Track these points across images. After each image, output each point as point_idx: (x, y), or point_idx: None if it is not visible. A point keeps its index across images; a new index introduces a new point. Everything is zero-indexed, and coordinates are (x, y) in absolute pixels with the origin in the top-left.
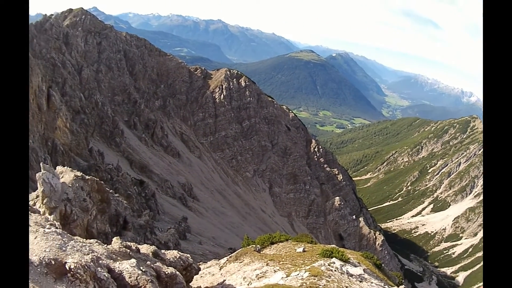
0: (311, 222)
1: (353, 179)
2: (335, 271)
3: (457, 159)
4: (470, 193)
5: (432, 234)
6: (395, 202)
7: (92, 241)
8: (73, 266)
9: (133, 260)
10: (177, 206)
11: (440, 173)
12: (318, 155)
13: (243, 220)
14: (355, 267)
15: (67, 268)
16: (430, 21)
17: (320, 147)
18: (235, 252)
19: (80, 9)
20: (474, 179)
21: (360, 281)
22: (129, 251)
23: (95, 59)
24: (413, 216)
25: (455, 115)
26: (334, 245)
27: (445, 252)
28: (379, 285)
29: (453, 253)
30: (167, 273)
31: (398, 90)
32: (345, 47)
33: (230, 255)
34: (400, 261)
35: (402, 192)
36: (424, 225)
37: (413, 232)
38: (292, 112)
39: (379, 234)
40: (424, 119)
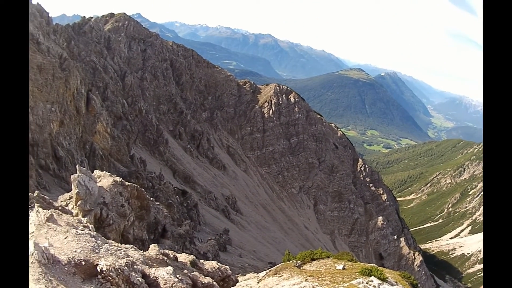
0: (353, 241)
1: (397, 199)
2: None
3: None
4: None
5: (468, 255)
6: (435, 223)
7: (128, 246)
8: (105, 269)
9: (169, 268)
10: (219, 218)
11: (480, 195)
12: (364, 174)
13: (286, 235)
14: (392, 286)
15: (98, 270)
16: (475, 43)
17: (367, 166)
18: (274, 267)
19: (123, 14)
20: None
21: None
22: (166, 258)
23: (139, 66)
24: (451, 238)
25: None
26: (374, 264)
27: (478, 273)
28: None
29: None
30: (204, 282)
31: (443, 111)
32: (393, 66)
33: (270, 269)
34: (435, 281)
35: (443, 213)
36: (461, 246)
37: (450, 253)
38: (341, 130)
39: (418, 255)
40: (467, 141)
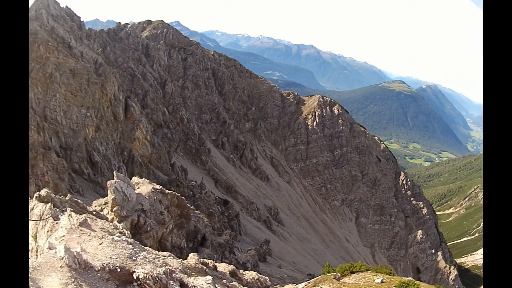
0: (392, 254)
1: (437, 213)
2: None
3: None
4: None
5: None
6: (472, 237)
7: (166, 254)
8: (142, 276)
9: (209, 277)
10: (260, 228)
11: None
12: (405, 188)
13: (326, 247)
14: None
15: (134, 277)
16: None
17: (408, 180)
18: (314, 278)
19: (161, 21)
20: None
21: None
22: (205, 267)
23: (180, 74)
24: None
25: None
26: (411, 278)
27: None
28: None
29: None
30: None
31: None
32: (434, 78)
33: (309, 281)
34: None
35: (479, 228)
36: None
37: None
38: (383, 143)
39: (453, 269)
40: None
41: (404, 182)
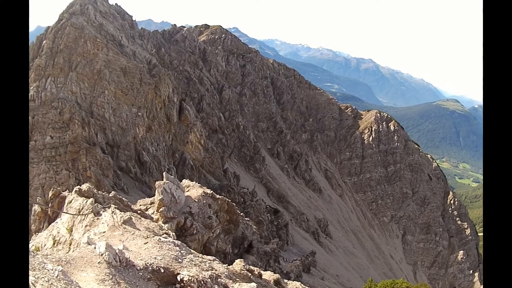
0: (433, 273)
1: (479, 234)
2: None
3: None
4: None
5: None
6: None
7: (212, 258)
8: (186, 279)
9: (253, 284)
10: (308, 239)
11: None
12: (452, 207)
13: (371, 263)
14: None
15: (178, 279)
16: None
17: (456, 200)
18: None
19: (219, 27)
20: None
21: None
22: (250, 274)
23: (238, 81)
24: None
25: None
26: None
27: None
28: None
29: None
30: None
31: None
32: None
33: None
34: None
35: None
36: None
37: None
38: (435, 161)
39: None
40: None
41: (452, 202)
